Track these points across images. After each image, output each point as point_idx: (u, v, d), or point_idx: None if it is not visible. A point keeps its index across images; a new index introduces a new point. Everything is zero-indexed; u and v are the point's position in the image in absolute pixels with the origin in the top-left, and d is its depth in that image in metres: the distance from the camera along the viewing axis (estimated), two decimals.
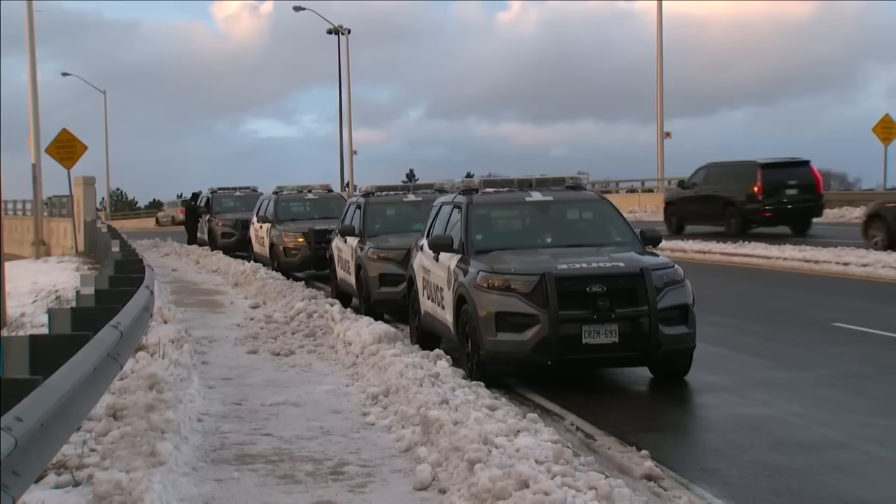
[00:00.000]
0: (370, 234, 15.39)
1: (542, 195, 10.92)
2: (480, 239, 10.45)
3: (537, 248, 10.22)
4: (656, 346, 8.95)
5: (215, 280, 21.79)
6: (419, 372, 8.94)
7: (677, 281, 9.38)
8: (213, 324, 14.58)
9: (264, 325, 13.75)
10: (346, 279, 16.09)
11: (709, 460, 6.97)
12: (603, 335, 8.92)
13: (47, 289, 19.83)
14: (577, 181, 11.35)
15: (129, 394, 8.26)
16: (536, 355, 9.00)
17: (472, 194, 11.11)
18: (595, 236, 10.54)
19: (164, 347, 10.58)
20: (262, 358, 11.58)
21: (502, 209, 11.05)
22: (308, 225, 21.28)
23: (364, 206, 16.02)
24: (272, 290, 17.28)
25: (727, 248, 21.97)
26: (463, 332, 9.77)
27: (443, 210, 11.76)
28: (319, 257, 19.73)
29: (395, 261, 14.20)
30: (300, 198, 23.51)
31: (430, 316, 11.19)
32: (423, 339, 11.46)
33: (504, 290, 9.23)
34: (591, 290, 8.97)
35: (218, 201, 30.14)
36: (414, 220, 15.31)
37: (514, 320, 9.10)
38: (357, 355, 10.73)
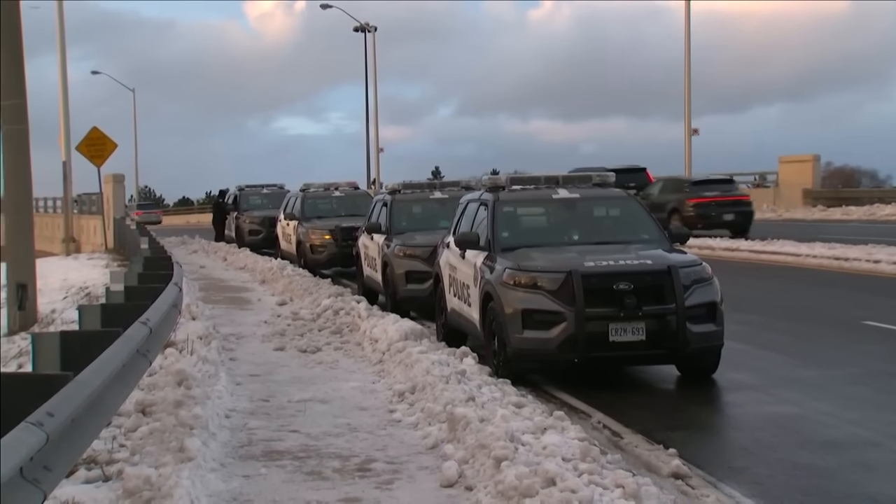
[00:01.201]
0: (396, 231, 15.41)
1: (569, 192, 10.91)
2: (507, 236, 10.44)
3: (564, 245, 10.20)
4: (684, 344, 8.91)
5: (243, 277, 21.89)
6: (445, 369, 8.94)
7: (705, 278, 9.33)
8: (241, 320, 14.65)
9: (291, 321, 13.79)
10: (372, 276, 16.11)
11: (737, 459, 6.92)
12: (630, 333, 8.89)
13: (77, 285, 20.00)
14: (604, 178, 11.31)
15: (157, 390, 8.32)
16: (563, 353, 8.98)
17: (498, 191, 11.09)
18: (622, 234, 10.51)
19: (192, 344, 10.64)
20: (289, 355, 11.62)
21: (529, 206, 11.04)
22: (335, 222, 21.34)
23: (390, 204, 16.04)
24: (299, 287, 17.33)
25: (755, 245, 21.83)
26: (489, 330, 9.76)
27: (469, 207, 11.76)
28: (346, 254, 19.78)
29: (421, 258, 14.21)
30: (327, 195, 23.58)
31: (456, 313, 11.19)
32: (450, 337, 11.46)
33: (530, 287, 9.21)
34: (618, 288, 8.94)
35: (245, 199, 30.30)
36: (440, 218, 15.32)
37: (541, 318, 9.08)
38: (383, 352, 10.73)
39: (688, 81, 46.10)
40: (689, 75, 45.96)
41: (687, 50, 45.81)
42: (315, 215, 22.56)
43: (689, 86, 46.21)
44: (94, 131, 31.15)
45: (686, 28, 45.82)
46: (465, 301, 10.68)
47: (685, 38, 45.90)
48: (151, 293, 9.06)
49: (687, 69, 45.94)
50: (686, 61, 45.93)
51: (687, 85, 46.20)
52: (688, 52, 45.80)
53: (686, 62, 45.94)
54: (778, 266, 19.15)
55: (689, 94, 46.18)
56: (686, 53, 45.88)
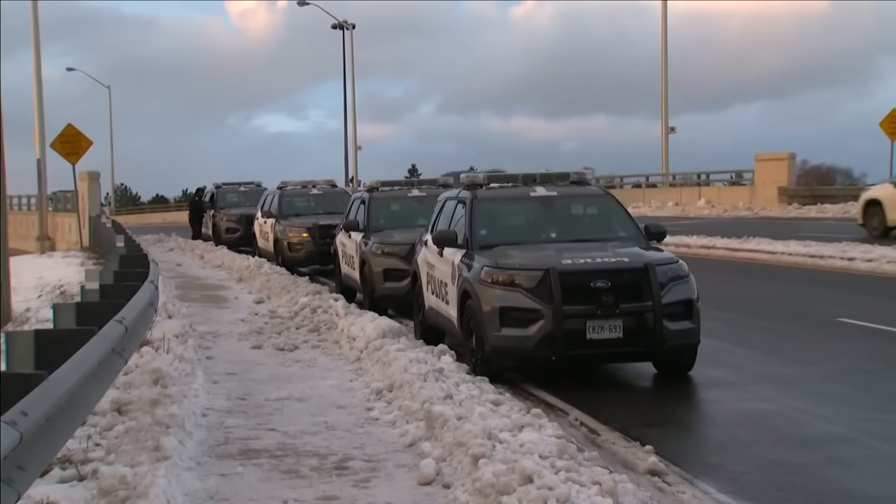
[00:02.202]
0: (374, 229, 15.40)
1: (547, 190, 10.92)
2: (485, 234, 10.45)
3: (542, 243, 10.23)
4: (661, 341, 8.94)
5: (220, 275, 21.80)
6: (423, 367, 8.94)
7: (682, 276, 9.37)
8: (218, 319, 14.60)
9: (269, 320, 13.75)
10: (350, 274, 16.09)
11: (713, 455, 6.96)
12: (607, 330, 8.91)
13: (52, 284, 19.86)
14: (581, 176, 11.33)
15: (133, 388, 8.27)
16: (540, 350, 9.00)
17: (476, 189, 11.10)
18: (599, 231, 10.54)
19: (168, 342, 10.59)
20: (266, 353, 11.59)
21: (507, 204, 11.04)
22: (312, 220, 21.28)
23: (368, 202, 16.03)
24: (276, 286, 17.29)
25: (731, 243, 21.95)
26: (467, 328, 9.77)
27: (447, 205, 11.76)
28: (324, 252, 19.73)
29: (399, 256, 14.20)
30: (304, 193, 23.50)
31: (434, 311, 11.19)
32: (428, 335, 11.46)
33: (508, 285, 9.23)
34: (595, 286, 8.96)
35: (222, 196, 30.14)
36: (418, 216, 15.28)
37: (519, 315, 9.10)
38: (361, 350, 10.73)
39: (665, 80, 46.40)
40: (666, 74, 46.27)
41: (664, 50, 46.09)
42: (292, 213, 22.49)
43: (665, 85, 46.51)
44: (69, 128, 30.90)
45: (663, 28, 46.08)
46: (443, 299, 10.68)
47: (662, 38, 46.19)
48: (127, 291, 9.01)
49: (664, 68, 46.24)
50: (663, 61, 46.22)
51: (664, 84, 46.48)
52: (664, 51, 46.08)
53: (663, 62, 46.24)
54: (754, 264, 19.28)
55: (666, 93, 46.49)
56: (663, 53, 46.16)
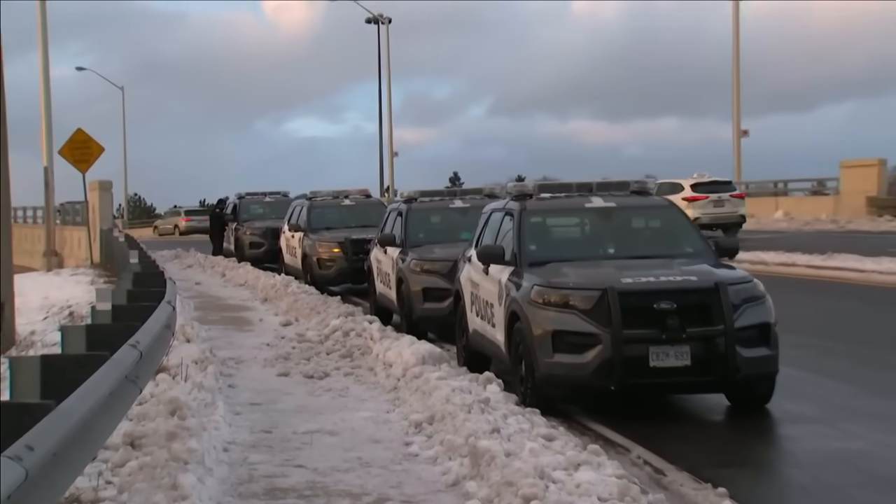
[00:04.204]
0: (413, 243, 15.44)
1: (604, 201, 10.90)
2: (535, 249, 10.45)
3: (599, 259, 10.22)
4: (733, 370, 8.87)
5: (243, 295, 21.97)
6: (467, 397, 8.94)
7: (757, 297, 9.30)
8: (241, 343, 14.70)
9: (296, 344, 13.83)
10: (386, 294, 16.14)
11: (795, 499, 6.88)
12: (673, 357, 8.86)
13: (60, 304, 20.12)
14: (642, 185, 11.30)
15: (148, 420, 8.34)
16: (598, 379, 8.97)
17: (525, 200, 11.10)
18: (663, 247, 10.50)
19: (186, 369, 10.68)
20: (293, 381, 11.64)
21: (559, 216, 11.06)
22: (344, 234, 21.39)
23: (406, 214, 16.08)
24: (305, 306, 17.38)
25: (813, 260, 21.70)
26: (516, 353, 9.76)
27: (493, 217, 11.77)
28: (357, 269, 19.81)
29: (440, 273, 14.23)
30: (336, 204, 23.63)
31: (478, 335, 11.19)
32: (472, 361, 11.46)
33: (562, 306, 9.21)
34: (659, 307, 8.92)
35: (246, 208, 30.39)
36: (461, 229, 15.33)
37: (573, 340, 9.08)
38: (398, 378, 10.75)
39: (736, 78, 46.10)
40: (738, 71, 45.99)
41: (736, 44, 45.82)
42: (323, 226, 22.62)
43: (737, 83, 46.21)
44: (79, 133, 31.29)
45: (735, 20, 45.80)
46: (489, 321, 10.69)
47: (734, 31, 45.92)
48: (142, 313, 9.10)
49: (736, 65, 45.95)
50: (735, 56, 45.93)
51: (736, 82, 46.19)
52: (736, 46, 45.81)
53: (735, 57, 45.95)
54: (839, 283, 19.03)
55: (738, 93, 46.20)
56: (735, 48, 45.86)
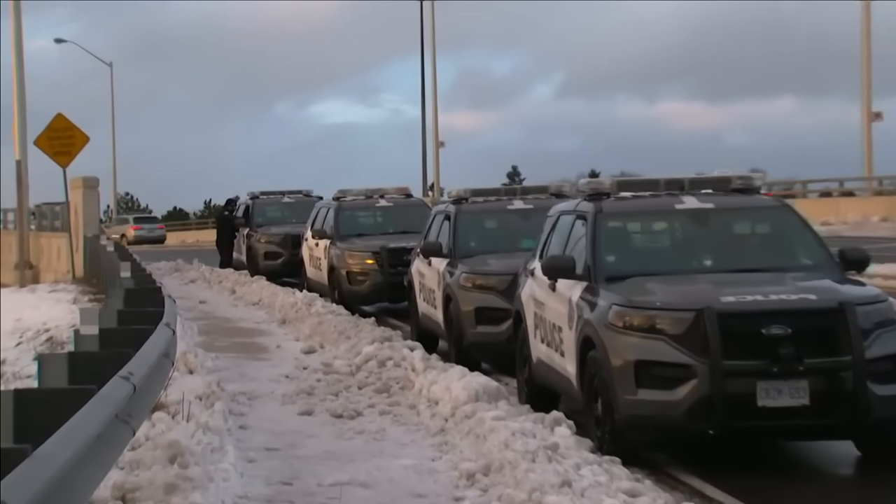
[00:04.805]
0: (463, 254, 15.44)
1: (699, 201, 10.84)
2: (613, 261, 10.42)
3: (693, 273, 10.19)
4: (864, 411, 8.79)
5: (256, 316, 22.06)
6: (531, 442, 8.91)
7: (893, 320, 9.22)
8: (254, 374, 14.76)
9: (321, 376, 13.85)
10: (430, 315, 16.14)
11: None
12: (787, 395, 8.80)
13: (35, 327, 20.34)
14: (747, 181, 11.21)
15: (143, 469, 8.38)
16: (692, 421, 8.92)
17: (601, 200, 11.07)
18: (774, 257, 10.46)
19: (189, 406, 10.73)
20: (318, 421, 11.67)
21: (644, 221, 11.05)
22: (380, 242, 21.44)
23: (455, 217, 16.07)
24: (332, 330, 17.41)
25: None
26: (590, 388, 9.73)
27: (561, 222, 11.75)
28: (395, 285, 19.83)
29: (496, 290, 14.22)
30: (369, 205, 23.69)
31: (544, 365, 11.16)
32: (536, 397, 11.45)
33: (647, 330, 9.17)
34: (769, 333, 8.86)
35: (260, 210, 30.54)
36: (522, 236, 15.33)
37: (662, 373, 9.05)
38: (446, 418, 10.75)
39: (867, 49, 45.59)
40: (870, 42, 45.49)
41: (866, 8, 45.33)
42: (353, 232, 22.68)
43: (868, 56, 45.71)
44: (59, 120, 31.55)
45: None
46: (557, 349, 10.66)
47: None
48: (135, 338, 9.15)
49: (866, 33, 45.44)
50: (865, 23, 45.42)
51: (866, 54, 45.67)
52: (867, 9, 45.32)
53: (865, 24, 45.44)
54: None
55: (870, 67, 45.73)
56: (865, 12, 45.39)
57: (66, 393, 6.69)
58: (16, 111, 34.10)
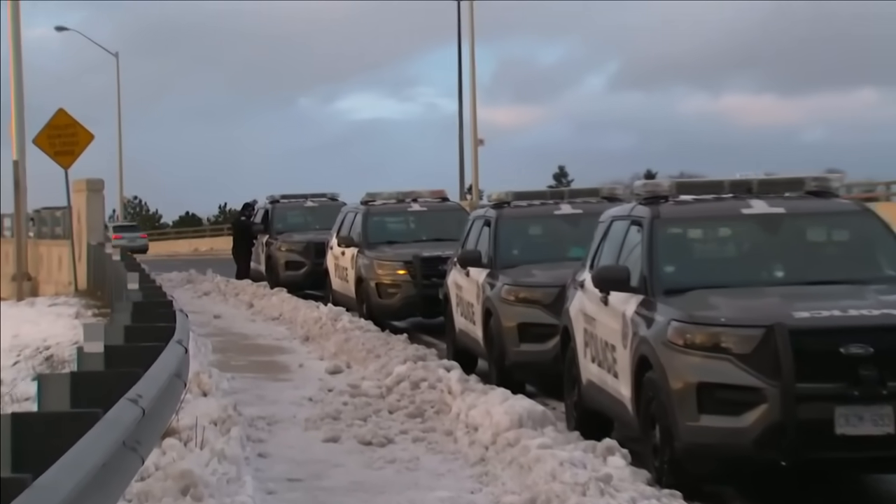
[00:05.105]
0: (504, 263, 15.42)
1: (769, 205, 10.79)
2: (672, 272, 10.41)
3: (762, 285, 10.16)
4: None
5: (277, 332, 22.11)
6: (581, 473, 8.88)
7: None
8: (274, 397, 14.79)
9: (348, 399, 13.85)
10: (468, 331, 16.12)
11: None
12: (869, 422, 8.74)
13: (34, 344, 20.44)
14: (824, 183, 11.16)
15: (152, 501, 8.40)
16: (762, 450, 8.87)
17: (659, 204, 11.03)
18: (853, 268, 10.42)
19: (203, 432, 10.75)
20: (345, 448, 11.68)
21: (706, 227, 11.01)
22: (412, 250, 21.43)
23: (496, 223, 16.05)
24: (360, 348, 17.42)
25: None
26: (647, 414, 9.70)
27: (614, 228, 11.73)
28: (429, 298, 19.82)
29: (541, 304, 14.20)
30: (401, 210, 23.71)
31: (595, 387, 11.13)
32: (587, 423, 11.43)
33: (711, 349, 9.12)
34: (848, 352, 8.81)
35: (280, 215, 30.62)
36: (570, 244, 15.35)
37: (727, 396, 9.01)
38: (487, 446, 10.72)
39: None
40: None
41: None
42: (384, 240, 22.70)
43: None
44: (61, 116, 31.61)
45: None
46: (610, 370, 10.64)
47: None
48: (144, 356, 9.18)
49: None
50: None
51: None
52: None
53: None
54: None
55: None
56: None
57: (68, 417, 6.70)
58: (13, 106, 34.21)
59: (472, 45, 55.15)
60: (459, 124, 54.38)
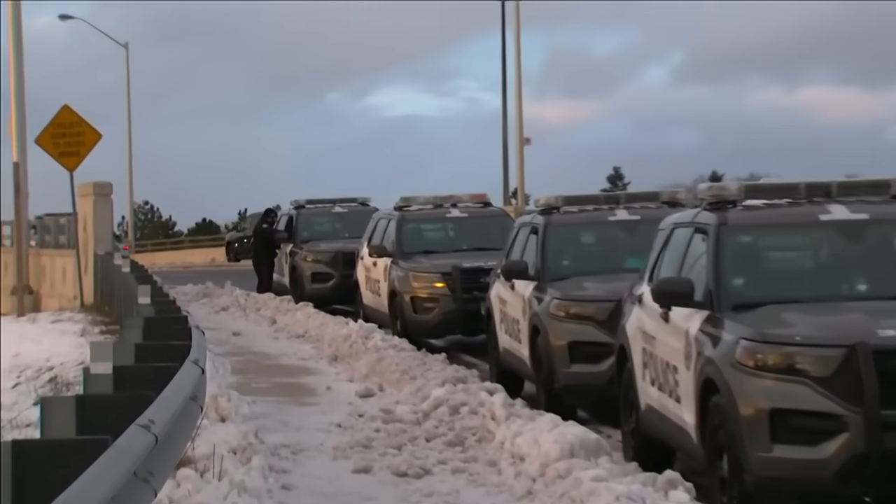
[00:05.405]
0: (554, 275, 15.41)
1: (850, 211, 10.73)
2: (742, 285, 10.40)
3: (842, 300, 10.15)
4: None
5: (302, 351, 22.16)
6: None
7: None
8: (300, 423, 14.80)
9: (381, 425, 13.86)
10: (513, 350, 16.10)
11: None
12: None
13: (37, 364, 20.52)
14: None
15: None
16: (843, 484, 8.85)
17: (726, 210, 10.96)
18: None
19: (221, 462, 10.76)
20: (378, 480, 11.68)
21: (780, 235, 10.99)
22: (451, 261, 21.44)
23: (543, 231, 16.03)
24: (394, 369, 17.42)
25: None
26: (713, 443, 9.66)
27: (676, 236, 11.72)
28: (470, 314, 19.84)
29: (594, 320, 14.18)
30: (439, 216, 23.71)
31: (655, 413, 11.12)
32: (646, 453, 11.42)
33: (785, 371, 9.08)
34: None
35: (306, 223, 30.69)
36: (627, 253, 15.38)
37: (804, 423, 8.97)
38: (534, 478, 10.72)
39: None
40: None
41: None
42: (420, 249, 22.72)
43: None
44: (65, 113, 31.71)
45: None
46: (671, 394, 10.63)
47: None
48: (157, 378, 9.19)
49: None
50: None
51: None
52: None
53: None
54: None
55: None
56: None
57: (73, 445, 6.71)
58: (13, 103, 34.35)
59: (517, 33, 55.13)
60: (503, 121, 54.48)
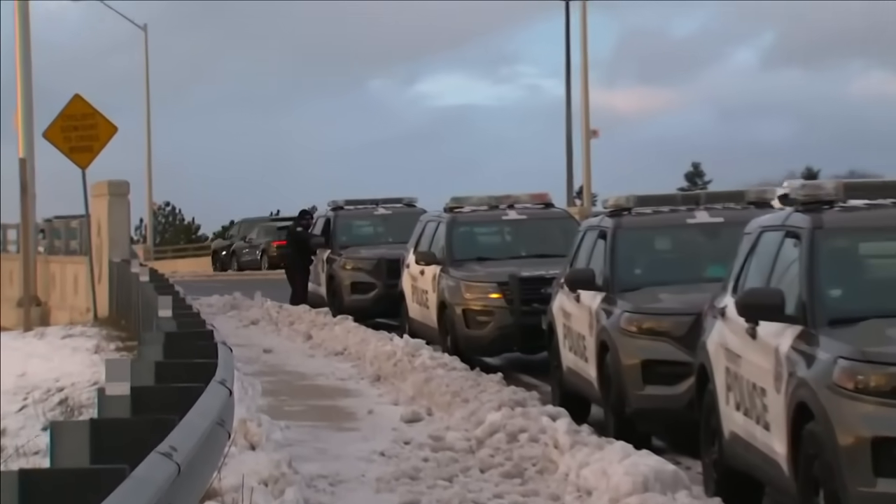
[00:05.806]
0: (624, 285, 15.40)
1: None
2: (839, 297, 10.40)
3: None
4: None
5: (341, 370, 22.19)
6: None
7: None
8: (338, 451, 14.83)
9: (430, 454, 13.87)
10: (579, 370, 16.09)
11: None
12: None
13: (45, 385, 20.61)
14: None
15: None
16: None
17: (821, 212, 10.92)
18: None
19: (251, 494, 10.79)
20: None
21: (883, 239, 11.00)
22: (508, 269, 21.42)
23: (613, 235, 16.01)
24: (444, 390, 17.42)
25: None
26: (808, 475, 9.63)
27: (764, 241, 11.69)
28: (529, 328, 19.84)
29: (670, 336, 14.18)
30: (494, 219, 23.69)
31: (740, 442, 11.08)
32: (730, 487, 11.40)
33: (890, 395, 9.03)
34: None
35: (345, 226, 30.73)
36: (707, 260, 15.37)
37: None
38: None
39: None
40: None
41: None
42: (472, 256, 22.72)
43: None
44: (77, 103, 31.76)
45: None
46: (759, 420, 10.60)
47: None
48: (179, 400, 9.22)
49: None
50: None
51: None
52: None
53: None
54: None
55: None
56: None
57: (87, 474, 6.73)
58: (19, 93, 34.41)
59: (583, 12, 55.12)
60: (567, 112, 54.51)
